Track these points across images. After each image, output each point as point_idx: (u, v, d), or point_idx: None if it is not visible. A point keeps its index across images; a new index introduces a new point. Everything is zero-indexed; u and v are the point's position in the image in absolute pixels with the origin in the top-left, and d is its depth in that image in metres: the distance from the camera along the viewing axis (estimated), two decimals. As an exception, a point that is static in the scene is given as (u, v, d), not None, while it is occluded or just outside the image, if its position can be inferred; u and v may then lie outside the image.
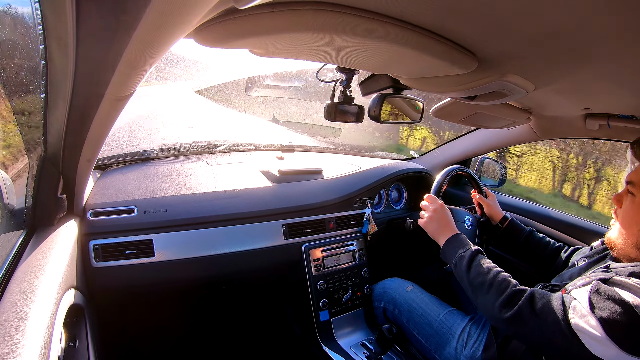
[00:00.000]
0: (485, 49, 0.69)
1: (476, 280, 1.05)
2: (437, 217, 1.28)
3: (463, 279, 1.10)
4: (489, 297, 0.99)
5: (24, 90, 0.79)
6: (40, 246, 0.90)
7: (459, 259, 1.13)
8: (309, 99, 2.15)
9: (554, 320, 0.84)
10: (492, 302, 0.98)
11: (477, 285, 1.04)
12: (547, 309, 0.87)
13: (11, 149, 0.94)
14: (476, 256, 1.11)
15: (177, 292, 1.50)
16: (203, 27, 0.56)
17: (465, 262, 1.10)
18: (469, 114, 1.32)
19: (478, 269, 1.07)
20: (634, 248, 0.90)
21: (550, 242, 1.41)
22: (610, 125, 1.18)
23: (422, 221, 1.32)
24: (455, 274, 1.15)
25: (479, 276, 1.05)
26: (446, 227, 1.26)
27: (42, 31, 0.55)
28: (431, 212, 1.29)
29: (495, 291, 0.98)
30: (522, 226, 1.47)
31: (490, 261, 1.09)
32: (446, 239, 1.22)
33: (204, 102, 3.92)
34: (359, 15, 0.54)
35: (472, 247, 1.15)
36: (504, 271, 1.05)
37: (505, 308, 0.94)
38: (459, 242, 1.19)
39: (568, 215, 1.69)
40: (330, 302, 1.57)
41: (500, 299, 0.96)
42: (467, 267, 1.09)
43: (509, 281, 1.00)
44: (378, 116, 1.11)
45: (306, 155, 2.07)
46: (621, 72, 0.73)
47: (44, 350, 0.64)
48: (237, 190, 1.51)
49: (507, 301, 0.94)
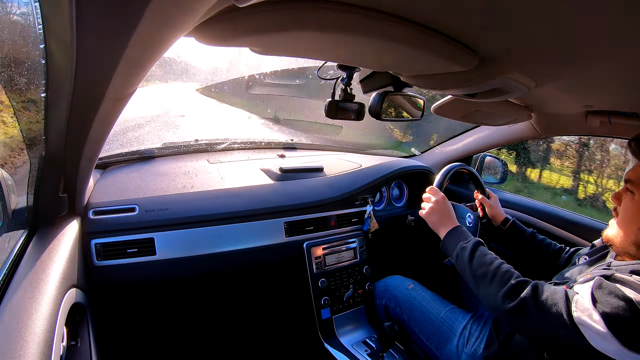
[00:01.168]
0: (486, 46, 0.69)
1: (479, 271, 1.04)
2: (439, 209, 1.28)
3: (465, 270, 1.09)
4: (491, 288, 0.98)
5: (25, 89, 0.79)
6: (41, 245, 0.91)
7: (461, 249, 1.12)
8: (310, 96, 2.15)
9: (557, 313, 0.84)
10: (494, 293, 0.97)
11: (480, 276, 1.03)
12: (551, 301, 0.86)
13: (12, 149, 0.95)
14: (478, 247, 1.10)
15: (178, 290, 1.50)
16: (203, 26, 0.56)
17: (467, 252, 1.09)
18: (469, 111, 1.31)
19: (480, 260, 1.06)
20: (633, 246, 0.90)
21: (552, 245, 1.40)
22: (611, 122, 1.18)
23: (423, 212, 1.31)
24: (456, 266, 1.14)
25: (482, 267, 1.04)
26: (447, 218, 1.25)
27: (42, 30, 0.54)
28: (433, 204, 1.29)
29: (498, 282, 0.98)
30: (524, 228, 1.47)
31: (492, 252, 1.09)
32: (447, 230, 1.22)
33: (204, 100, 3.93)
34: (359, 12, 0.54)
35: (473, 238, 1.14)
36: (507, 262, 1.04)
37: (509, 299, 0.93)
38: (460, 233, 1.19)
39: (570, 213, 1.69)
40: (332, 299, 1.58)
41: (503, 290, 0.95)
42: (469, 258, 1.08)
43: (512, 272, 0.99)
44: (379, 114, 1.11)
45: (307, 153, 2.07)
46: (622, 70, 0.73)
47: (46, 349, 0.64)
48: (239, 188, 1.51)
49: (511, 292, 0.94)
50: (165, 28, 0.48)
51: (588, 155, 4.34)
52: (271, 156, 1.91)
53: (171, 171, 1.56)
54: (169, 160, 1.68)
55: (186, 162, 1.67)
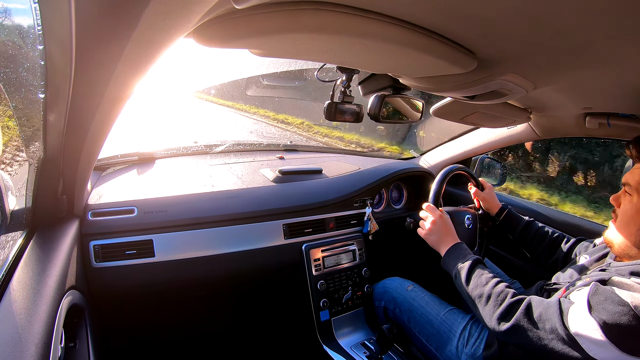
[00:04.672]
0: (484, 49, 0.69)
1: (474, 292, 1.06)
2: (437, 228, 1.28)
3: (463, 290, 1.11)
4: (487, 309, 1.00)
5: (24, 90, 0.78)
6: (40, 247, 0.90)
7: (459, 270, 1.14)
8: (309, 98, 2.15)
9: (552, 328, 0.84)
10: (490, 314, 0.98)
11: (476, 297, 1.05)
12: (545, 317, 0.87)
13: (11, 150, 0.94)
14: (475, 267, 1.12)
15: (177, 292, 1.50)
16: (202, 27, 0.56)
17: (464, 273, 1.11)
18: (468, 113, 1.32)
19: (477, 281, 1.07)
20: (633, 247, 0.90)
21: (549, 232, 1.41)
22: (610, 124, 1.18)
23: (422, 232, 1.32)
24: (455, 285, 1.15)
25: (477, 288, 1.06)
26: (446, 236, 1.26)
27: (41, 31, 0.54)
28: (431, 224, 1.30)
29: (493, 303, 0.99)
30: (519, 217, 1.48)
31: (488, 271, 1.10)
32: (447, 248, 1.23)
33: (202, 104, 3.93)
34: (358, 15, 0.54)
35: (471, 257, 1.15)
36: (503, 280, 1.05)
37: (503, 320, 0.94)
38: (458, 252, 1.20)
39: (569, 215, 1.69)
40: (331, 301, 1.57)
41: (498, 312, 0.96)
42: (466, 279, 1.10)
43: (506, 292, 1.00)
44: (378, 116, 1.11)
45: (306, 155, 2.07)
46: (621, 71, 0.73)
47: (45, 350, 0.64)
48: (237, 190, 1.51)
49: (504, 313, 0.95)
50: (164, 29, 0.48)
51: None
52: (270, 158, 1.91)
53: (170, 173, 1.56)
54: (168, 162, 1.68)
55: (185, 164, 1.67)
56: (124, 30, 0.47)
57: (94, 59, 0.56)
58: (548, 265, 1.37)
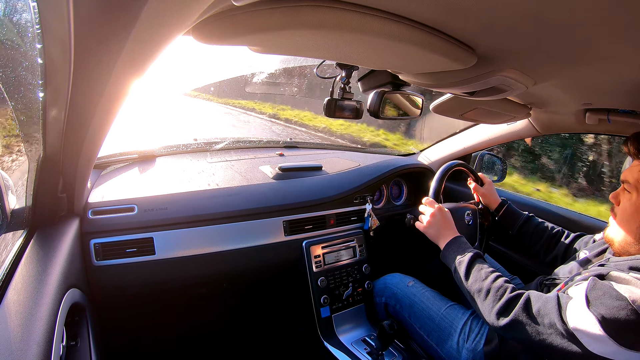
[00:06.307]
0: (484, 45, 0.69)
1: (474, 287, 1.06)
2: (436, 221, 1.28)
3: (462, 284, 1.11)
4: (486, 304, 1.00)
5: (23, 89, 0.78)
6: (40, 245, 0.91)
7: (458, 264, 1.14)
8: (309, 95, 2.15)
9: (551, 323, 0.85)
10: (489, 309, 0.99)
11: (475, 292, 1.05)
12: (544, 312, 0.87)
13: (11, 149, 0.94)
14: (474, 261, 1.12)
15: (178, 289, 1.50)
16: (201, 25, 0.56)
17: (463, 268, 1.11)
18: (468, 110, 1.31)
19: (476, 275, 1.07)
20: (633, 244, 0.90)
21: (549, 227, 1.41)
22: (610, 119, 1.18)
23: (421, 226, 1.32)
24: (455, 279, 1.16)
25: (477, 282, 1.06)
26: (446, 229, 1.26)
27: (39, 30, 0.54)
28: (430, 217, 1.30)
29: (491, 298, 0.99)
30: (519, 212, 1.49)
31: (488, 266, 1.10)
32: (446, 242, 1.23)
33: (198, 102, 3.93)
34: (357, 11, 0.54)
35: (470, 251, 1.15)
36: (502, 275, 1.05)
37: (502, 316, 0.95)
38: (458, 245, 1.20)
39: (569, 211, 1.69)
40: (331, 298, 1.58)
41: (497, 306, 0.96)
42: (465, 273, 1.10)
43: (505, 287, 1.00)
44: (377, 112, 1.11)
45: (306, 152, 2.07)
46: (621, 67, 0.73)
47: (46, 349, 0.64)
48: (238, 187, 1.51)
49: (503, 308, 0.95)
50: (162, 27, 0.48)
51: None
52: (270, 155, 1.91)
53: (170, 171, 1.56)
54: (168, 160, 1.68)
55: (185, 161, 1.67)
56: (123, 28, 0.47)
57: (93, 57, 0.56)
58: (548, 260, 1.37)
